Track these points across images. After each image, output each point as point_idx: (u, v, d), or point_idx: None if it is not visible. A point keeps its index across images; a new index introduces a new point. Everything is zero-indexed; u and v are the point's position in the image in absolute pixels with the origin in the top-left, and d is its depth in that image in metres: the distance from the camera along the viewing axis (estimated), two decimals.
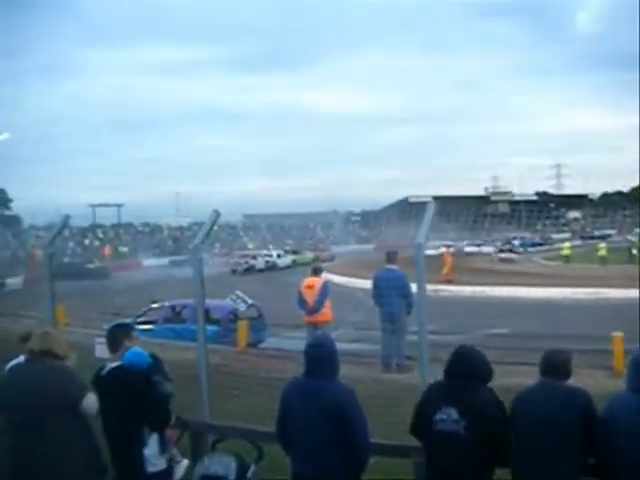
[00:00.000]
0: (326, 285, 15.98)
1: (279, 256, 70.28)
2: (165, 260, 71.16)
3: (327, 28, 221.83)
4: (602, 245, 59.60)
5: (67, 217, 9.83)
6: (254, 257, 66.26)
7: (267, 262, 66.07)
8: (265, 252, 71.48)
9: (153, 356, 6.33)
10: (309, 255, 72.32)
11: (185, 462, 6.52)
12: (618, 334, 14.40)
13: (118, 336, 6.41)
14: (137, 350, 6.23)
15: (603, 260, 55.16)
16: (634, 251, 57.39)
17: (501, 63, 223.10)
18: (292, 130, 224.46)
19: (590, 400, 5.35)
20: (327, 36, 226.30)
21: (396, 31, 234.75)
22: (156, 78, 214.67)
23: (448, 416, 5.46)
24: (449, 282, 38.87)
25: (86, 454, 5.90)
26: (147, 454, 6.02)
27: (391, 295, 13.57)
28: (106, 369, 6.26)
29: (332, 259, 74.44)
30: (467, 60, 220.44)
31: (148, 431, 6.08)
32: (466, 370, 5.55)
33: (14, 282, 46.13)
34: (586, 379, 11.29)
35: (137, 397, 5.98)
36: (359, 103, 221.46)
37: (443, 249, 63.90)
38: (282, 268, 64.54)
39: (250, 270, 60.82)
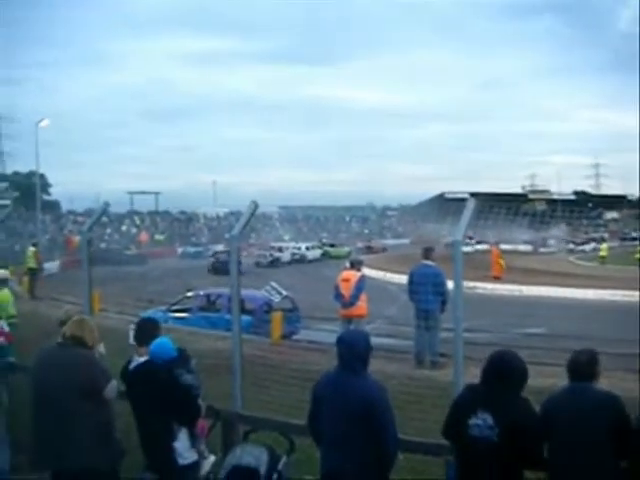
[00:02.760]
0: (362, 279, 15.91)
1: (308, 249, 69.40)
2: (187, 250, 71.42)
3: (363, 24, 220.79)
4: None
5: (107, 204, 9.92)
6: (280, 249, 65.16)
7: (294, 254, 65.09)
8: (293, 244, 70.80)
9: (179, 349, 6.32)
10: (345, 248, 71.91)
11: (212, 458, 6.52)
12: None
13: (146, 330, 6.43)
14: (162, 341, 6.22)
15: None
16: None
17: (538, 61, 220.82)
18: (328, 124, 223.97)
19: (619, 404, 5.27)
20: (363, 32, 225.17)
21: (432, 29, 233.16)
22: (193, 69, 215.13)
23: (483, 421, 5.40)
24: (497, 279, 38.85)
25: (104, 436, 6.11)
26: (178, 447, 6.03)
27: (427, 291, 13.50)
28: (133, 363, 6.28)
29: (384, 250, 74.45)
30: (503, 58, 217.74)
31: (177, 425, 6.09)
32: (505, 376, 5.47)
33: (51, 266, 46.55)
34: (619, 382, 11.21)
35: (163, 392, 5.98)
36: (395, 99, 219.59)
37: (481, 246, 63.81)
38: (311, 261, 64.09)
39: (275, 262, 59.47)
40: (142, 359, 6.22)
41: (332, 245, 75.71)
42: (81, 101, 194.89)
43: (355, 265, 16.38)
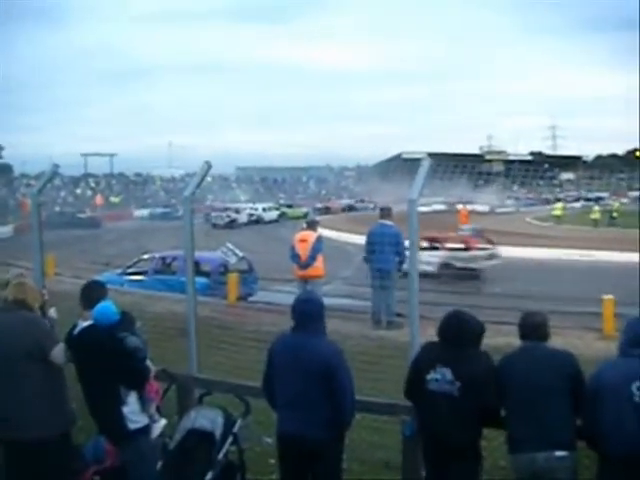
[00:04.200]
0: (320, 239, 15.80)
1: (265, 210, 69.14)
2: (155, 211, 71.02)
3: None
4: (595, 208, 59.92)
5: (56, 166, 9.66)
6: (237, 211, 64.42)
7: (251, 216, 64.67)
8: (250, 206, 70.48)
9: (122, 312, 6.16)
10: (302, 209, 71.82)
11: (162, 422, 6.39)
12: (608, 297, 14.40)
13: (92, 293, 6.26)
14: (104, 305, 6.04)
15: (595, 222, 55.38)
16: (614, 214, 58.02)
17: (500, 20, 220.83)
18: (286, 84, 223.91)
19: (573, 361, 5.34)
20: None
21: None
22: (149, 27, 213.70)
23: (442, 376, 5.43)
24: None
25: (55, 403, 6.01)
26: (126, 412, 5.93)
27: (384, 251, 13.51)
28: (78, 328, 6.12)
29: (343, 210, 74.72)
30: (464, 17, 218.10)
31: (125, 390, 5.98)
32: (462, 334, 5.50)
33: (4, 231, 45.96)
34: (575, 341, 11.38)
35: (107, 357, 5.84)
36: (353, 59, 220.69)
37: (438, 206, 64.20)
38: (268, 222, 63.83)
39: (232, 224, 58.51)
40: (86, 323, 6.07)
41: (289, 206, 75.62)
42: (33, 61, 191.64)
43: (312, 225, 16.30)
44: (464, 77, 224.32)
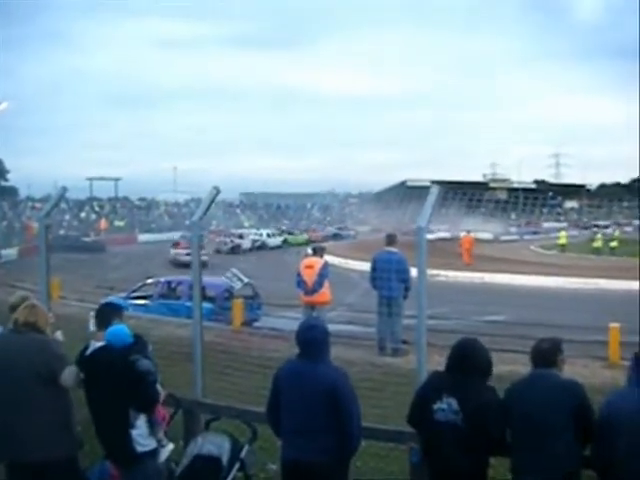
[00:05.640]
0: (326, 266, 15.81)
1: (269, 236, 68.97)
2: (161, 236, 70.88)
3: (330, 7, 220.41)
4: (598, 236, 59.87)
5: (64, 189, 9.68)
6: (240, 236, 64.00)
7: (255, 242, 64.27)
8: (254, 231, 70.46)
9: (135, 335, 6.14)
10: (304, 236, 71.80)
11: (170, 446, 6.35)
12: (614, 325, 14.36)
13: (107, 315, 6.26)
14: (117, 328, 6.02)
15: (598, 251, 55.34)
16: (612, 244, 57.75)
17: (505, 48, 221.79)
18: (291, 110, 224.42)
19: (579, 390, 5.28)
20: (329, 15, 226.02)
21: (396, 12, 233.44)
22: (157, 52, 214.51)
23: (448, 406, 5.41)
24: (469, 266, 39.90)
25: (62, 426, 5.99)
26: (135, 435, 5.90)
27: (390, 278, 13.44)
28: (90, 349, 6.11)
29: (335, 237, 74.47)
30: (468, 44, 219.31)
31: (134, 412, 5.95)
32: (470, 364, 5.47)
33: (9, 253, 45.93)
34: (582, 369, 11.32)
35: (119, 378, 5.82)
36: (358, 85, 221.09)
37: (443, 234, 64.29)
38: (272, 248, 63.78)
39: (235, 249, 58.13)
40: (99, 344, 6.07)
41: (290, 233, 75.54)
42: (40, 84, 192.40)
43: (318, 252, 16.29)
44: (467, 104, 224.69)
